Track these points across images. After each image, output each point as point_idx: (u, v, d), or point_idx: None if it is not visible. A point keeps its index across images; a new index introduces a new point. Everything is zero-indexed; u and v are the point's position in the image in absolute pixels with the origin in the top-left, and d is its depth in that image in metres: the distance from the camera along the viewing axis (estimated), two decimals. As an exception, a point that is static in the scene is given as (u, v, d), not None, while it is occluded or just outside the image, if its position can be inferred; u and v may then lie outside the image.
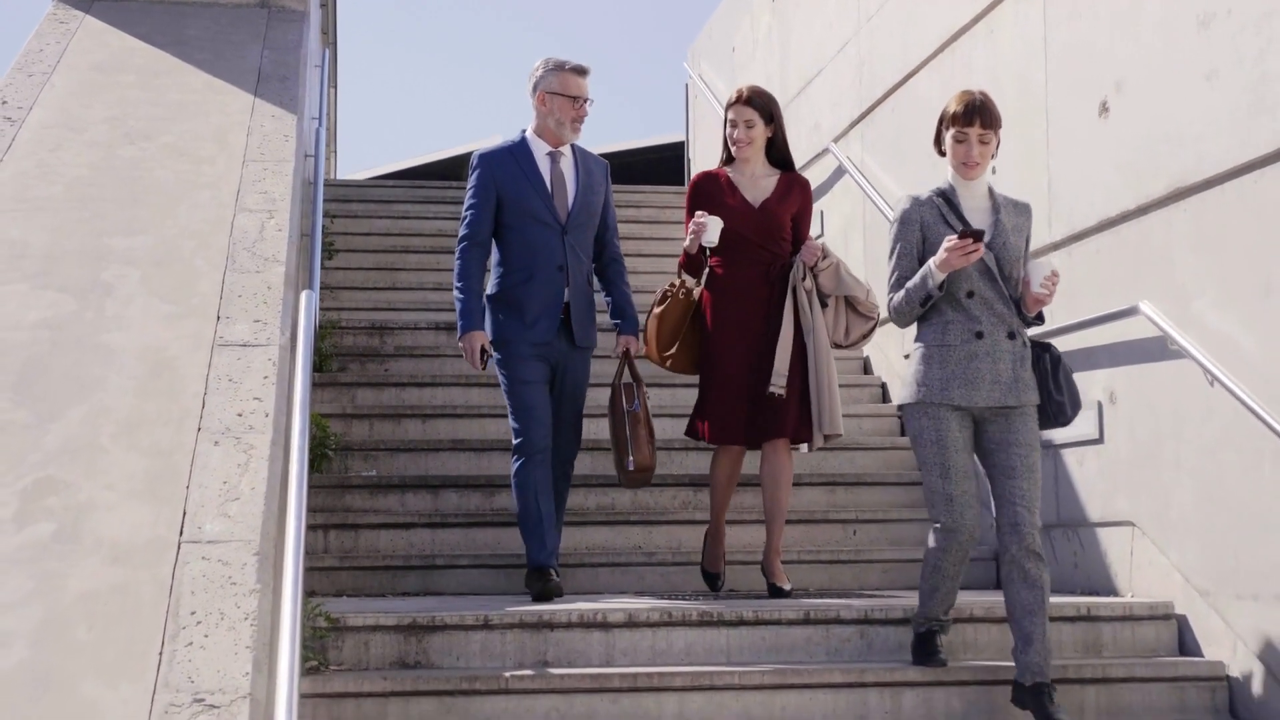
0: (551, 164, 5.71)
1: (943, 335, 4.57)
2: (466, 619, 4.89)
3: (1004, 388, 4.53)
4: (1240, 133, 4.81)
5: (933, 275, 4.47)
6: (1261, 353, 4.71)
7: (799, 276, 5.63)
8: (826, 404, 5.58)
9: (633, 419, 5.64)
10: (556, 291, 5.58)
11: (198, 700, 3.50)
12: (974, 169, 4.61)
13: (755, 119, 5.74)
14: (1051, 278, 4.48)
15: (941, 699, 4.80)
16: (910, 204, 4.68)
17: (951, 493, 4.52)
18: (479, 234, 5.65)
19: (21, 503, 4.11)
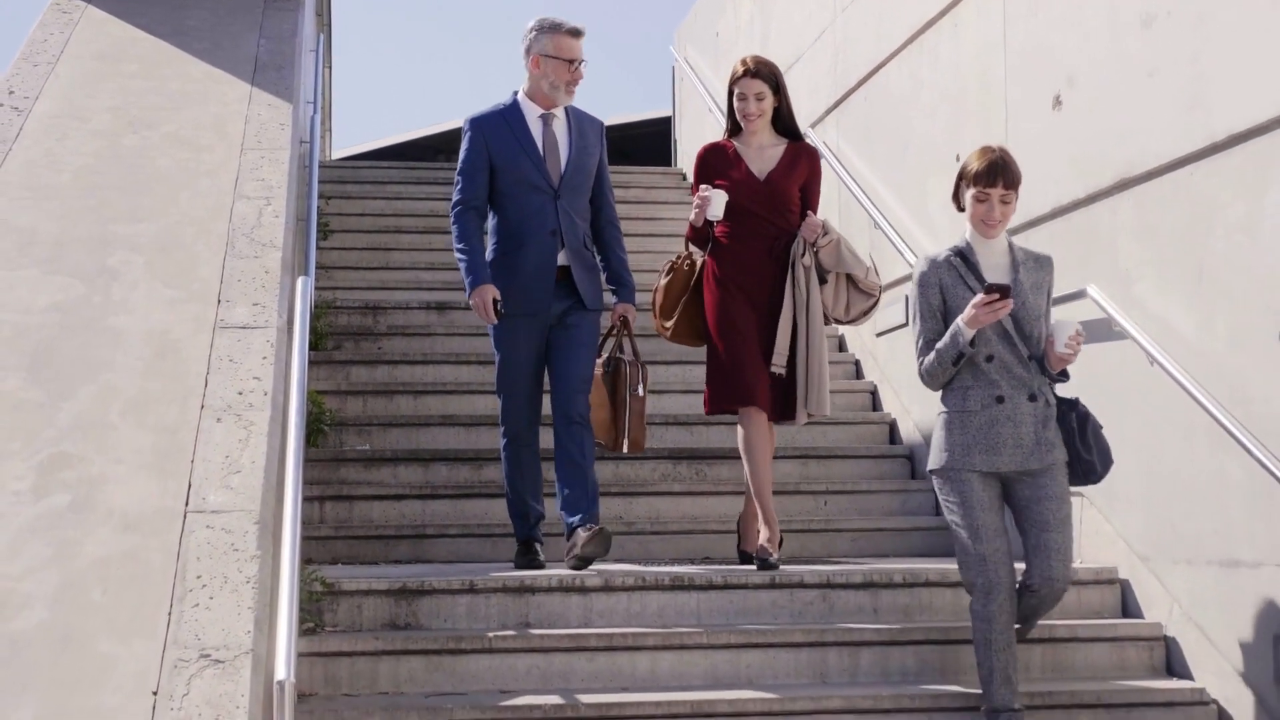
0: (544, 127, 5.65)
1: (963, 401, 4.58)
2: (453, 584, 5.23)
3: (1026, 451, 4.54)
4: (1177, 128, 5.12)
5: (962, 333, 4.48)
6: (1196, 334, 5.04)
7: (798, 252, 5.64)
8: (815, 383, 5.62)
9: (633, 404, 5.62)
10: (550, 257, 5.54)
11: (204, 656, 3.83)
12: (995, 228, 4.62)
13: (765, 91, 5.71)
14: (1076, 338, 4.47)
15: (897, 657, 5.14)
16: (928, 266, 4.67)
17: (984, 552, 4.54)
18: (473, 198, 5.63)
19: (38, 476, 4.42)
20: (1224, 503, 4.89)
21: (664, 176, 11.77)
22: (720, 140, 5.92)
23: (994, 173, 4.54)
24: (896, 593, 5.43)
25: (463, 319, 8.07)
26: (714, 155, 5.83)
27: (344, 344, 7.82)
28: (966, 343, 4.47)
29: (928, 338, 4.63)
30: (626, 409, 5.60)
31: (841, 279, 5.73)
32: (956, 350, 4.50)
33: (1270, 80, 4.67)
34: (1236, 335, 4.83)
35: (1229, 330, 4.87)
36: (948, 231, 6.85)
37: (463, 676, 4.93)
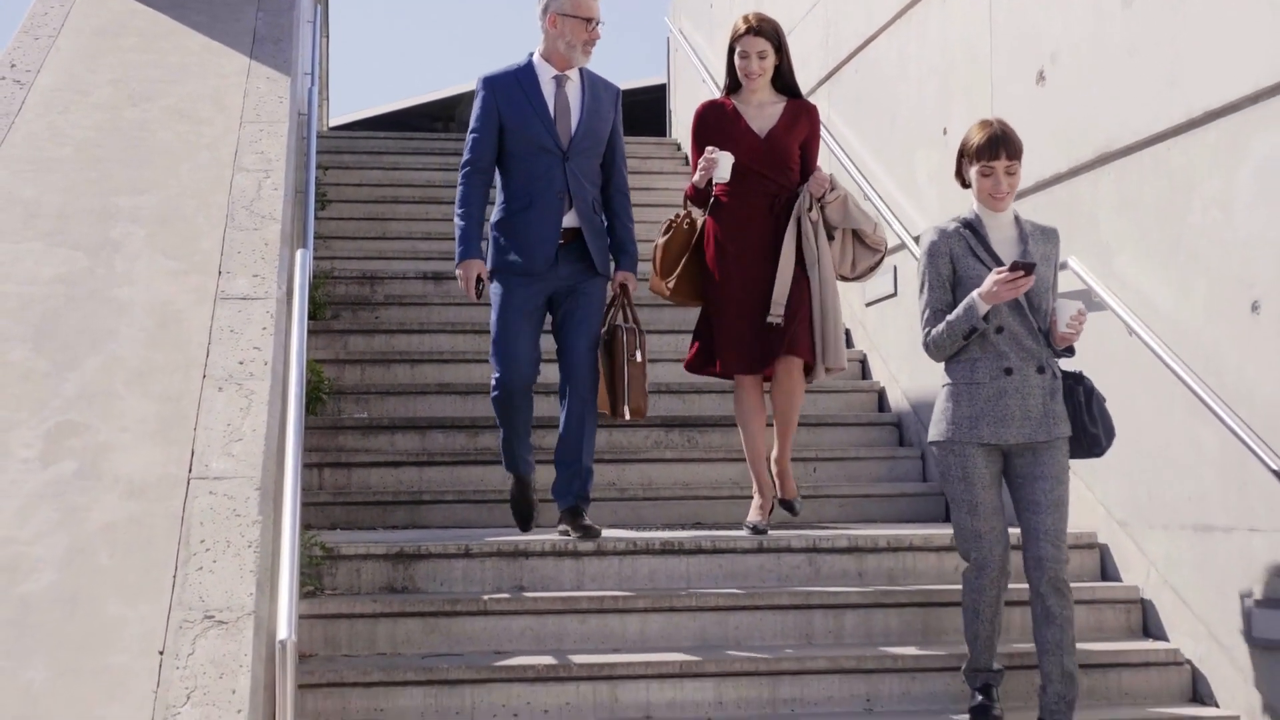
0: (556, 88, 5.59)
1: (971, 373, 4.54)
2: (449, 548, 5.37)
3: (1034, 423, 4.51)
4: (1156, 105, 5.23)
5: (978, 307, 4.44)
6: (1173, 306, 5.16)
7: (805, 207, 5.58)
8: (831, 337, 5.60)
9: (633, 368, 5.57)
10: (556, 218, 5.49)
11: (208, 617, 3.97)
12: (1002, 200, 4.59)
13: (768, 49, 5.65)
14: (1079, 317, 4.46)
15: (880, 619, 5.29)
16: (938, 235, 4.63)
17: (980, 529, 4.54)
18: (481, 159, 5.59)
19: (46, 444, 4.56)
20: (1198, 470, 5.03)
21: (658, 146, 11.87)
22: (719, 98, 5.87)
23: (995, 145, 4.53)
24: (881, 557, 5.58)
25: (459, 289, 8.16)
26: (713, 113, 5.78)
27: (342, 313, 7.94)
28: (980, 317, 4.44)
29: (935, 308, 4.59)
30: (625, 376, 5.55)
31: (848, 235, 5.69)
32: (969, 324, 4.46)
33: (1243, 59, 4.78)
34: (1212, 307, 4.96)
35: (1204, 302, 5.00)
36: (935, 203, 6.98)
37: (458, 638, 5.07)
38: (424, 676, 4.78)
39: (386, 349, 7.66)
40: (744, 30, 5.66)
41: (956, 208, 6.70)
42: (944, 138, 6.87)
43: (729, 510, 6.42)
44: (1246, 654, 4.82)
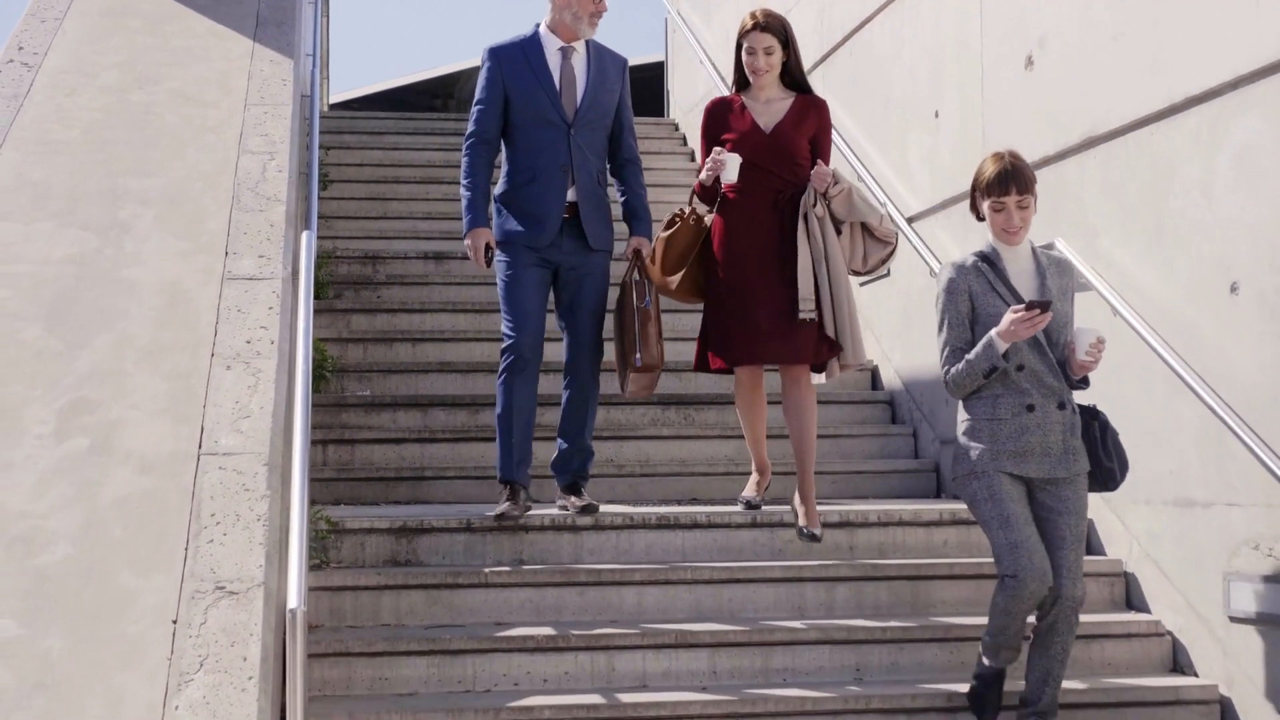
0: (562, 60, 5.57)
1: (993, 409, 4.52)
2: (451, 522, 5.52)
3: (1054, 460, 4.50)
4: (1140, 90, 5.36)
5: (996, 346, 4.40)
6: (1155, 287, 5.30)
7: (810, 203, 5.53)
8: (848, 333, 5.52)
9: (643, 315, 5.51)
10: (560, 192, 5.48)
11: (219, 588, 4.12)
12: (1016, 235, 4.55)
13: (775, 45, 5.61)
14: (1098, 345, 4.42)
15: (870, 592, 5.44)
16: (956, 272, 4.58)
17: (1015, 539, 4.45)
18: (486, 130, 5.58)
19: (59, 420, 4.70)
20: (1179, 446, 5.17)
21: (656, 126, 11.98)
22: (728, 94, 5.87)
23: (1006, 180, 4.48)
24: (871, 531, 5.73)
25: (459, 268, 8.32)
26: (721, 109, 5.75)
27: (344, 293, 8.07)
28: (1000, 355, 4.41)
29: (954, 346, 4.55)
30: (636, 322, 5.50)
31: (856, 229, 5.62)
32: (989, 363, 4.42)
33: (1221, 46, 4.91)
34: (1192, 288, 5.10)
35: (1185, 283, 5.14)
36: (926, 184, 7.11)
37: (460, 609, 5.22)
38: (427, 647, 4.93)
39: (388, 328, 7.80)
40: (750, 26, 5.64)
41: (945, 188, 6.88)
42: (936, 120, 7.00)
43: (725, 486, 6.57)
44: (1224, 625, 4.97)
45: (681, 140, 11.56)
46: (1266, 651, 4.78)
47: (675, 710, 4.76)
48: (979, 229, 6.52)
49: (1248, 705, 4.86)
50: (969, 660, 5.13)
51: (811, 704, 4.82)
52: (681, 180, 10.76)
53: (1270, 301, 4.71)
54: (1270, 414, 4.71)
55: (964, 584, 5.47)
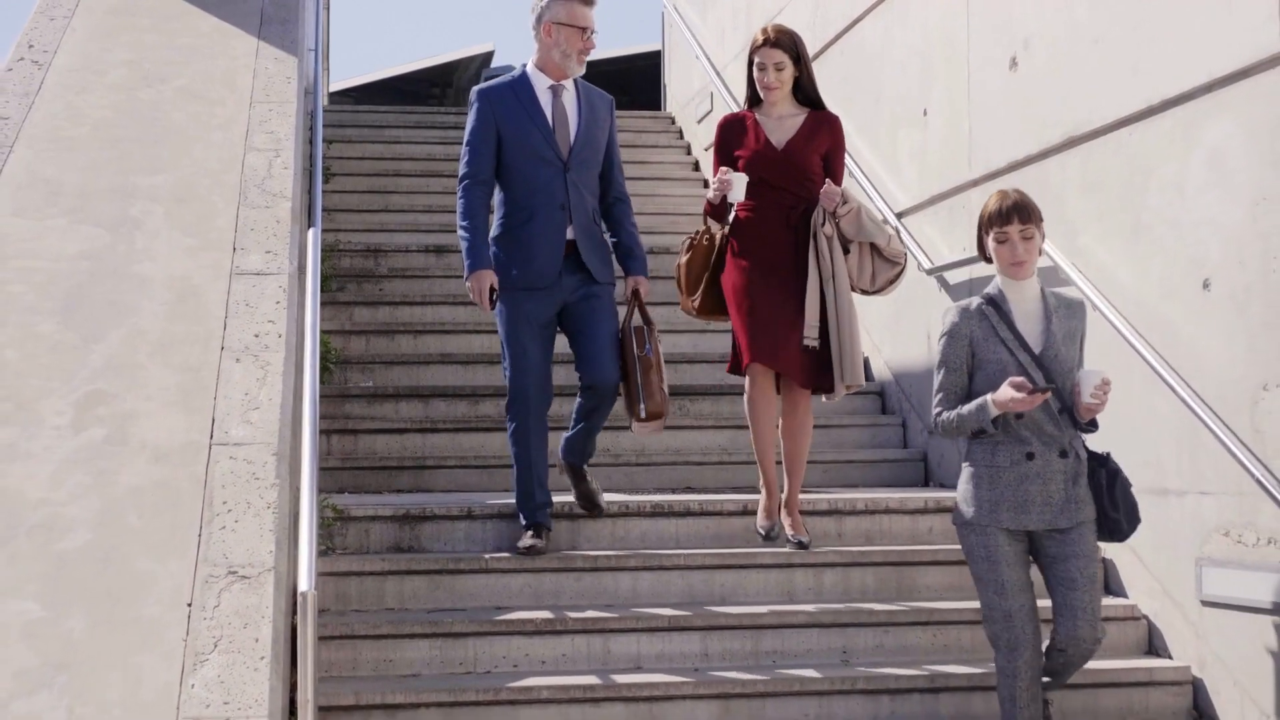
0: (553, 98, 5.55)
1: (992, 456, 4.41)
2: (452, 510, 5.71)
3: (1055, 509, 4.38)
4: (1119, 92, 5.54)
5: (989, 411, 4.31)
6: (1132, 283, 5.48)
7: (819, 222, 5.53)
8: (848, 355, 5.51)
9: (644, 364, 5.43)
10: (558, 231, 5.44)
11: (231, 573, 4.31)
12: (1022, 268, 4.41)
13: (785, 61, 5.60)
14: (1103, 387, 4.28)
15: (858, 576, 5.63)
16: (959, 316, 4.46)
17: (1009, 608, 4.38)
18: (480, 172, 5.51)
19: (76, 412, 4.88)
20: (1154, 437, 5.36)
21: (654, 120, 12.14)
22: (740, 111, 5.85)
23: (1009, 212, 4.38)
24: (859, 519, 5.92)
25: (459, 261, 8.44)
26: (733, 126, 5.74)
27: (347, 286, 8.25)
28: (989, 422, 4.32)
29: (950, 390, 4.45)
30: (638, 371, 5.44)
31: (865, 248, 5.61)
32: (978, 425, 4.33)
33: (1196, 51, 5.09)
34: (1167, 284, 5.28)
35: (1160, 279, 5.32)
36: (914, 180, 7.29)
37: (461, 594, 5.41)
38: (429, 630, 5.12)
39: (390, 320, 7.97)
40: (761, 42, 5.63)
41: (933, 185, 7.06)
42: (924, 118, 7.18)
43: (718, 475, 6.76)
44: (1197, 610, 5.16)
45: (678, 134, 11.73)
46: (1236, 634, 4.96)
47: (668, 690, 4.95)
48: (966, 224, 6.73)
49: (1218, 686, 5.06)
50: (951, 643, 5.35)
51: (799, 684, 5.01)
52: (678, 174, 10.95)
53: (1240, 298, 4.89)
54: (1239, 406, 4.89)
55: (948, 570, 5.65)
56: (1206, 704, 5.12)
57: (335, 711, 4.72)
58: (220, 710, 3.87)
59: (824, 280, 5.51)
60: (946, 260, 6.89)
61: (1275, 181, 4.72)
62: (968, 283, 6.73)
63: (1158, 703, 5.16)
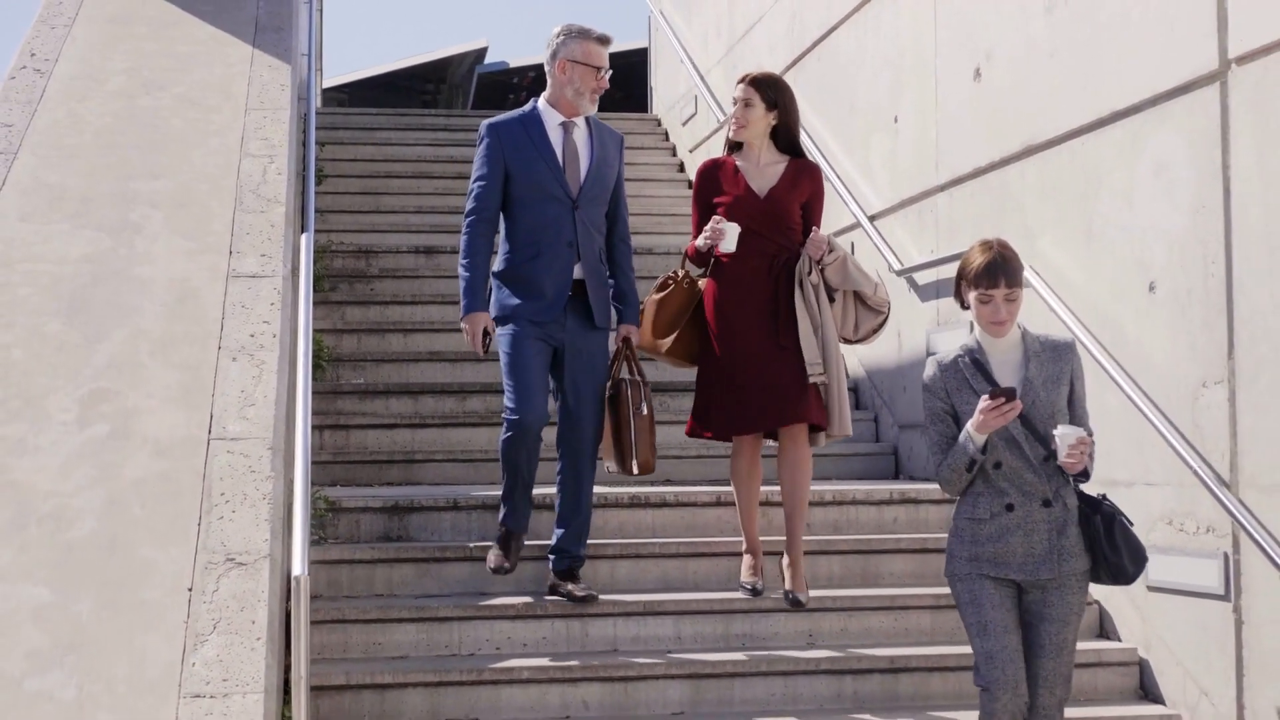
0: (564, 135, 5.49)
1: (973, 509, 4.30)
2: (439, 502, 5.99)
3: (1037, 561, 4.23)
4: (1073, 104, 5.82)
5: (972, 439, 4.18)
6: (1085, 285, 5.77)
7: (804, 270, 5.49)
8: (836, 405, 5.50)
9: (638, 422, 5.43)
10: (565, 269, 5.39)
11: (230, 560, 4.58)
12: (1003, 326, 4.28)
13: (755, 98, 5.60)
14: (1078, 445, 4.13)
15: (824, 564, 5.91)
16: (935, 369, 4.37)
17: (990, 649, 4.23)
18: (487, 209, 5.46)
19: (81, 409, 5.15)
20: (1105, 431, 5.62)
21: (640, 122, 12.41)
22: (721, 156, 5.80)
23: (994, 273, 4.21)
24: (827, 509, 6.20)
25: (448, 262, 8.75)
26: (712, 172, 5.70)
27: (339, 286, 8.52)
28: (978, 449, 4.19)
29: (938, 441, 4.35)
30: (631, 429, 5.41)
31: (849, 296, 5.58)
32: (967, 457, 4.21)
33: (1142, 67, 5.37)
34: (1116, 286, 5.57)
35: (1110, 282, 5.61)
36: (886, 184, 7.57)
37: (447, 581, 5.70)
38: (416, 614, 5.40)
39: (381, 319, 8.25)
40: (740, 78, 5.69)
41: (904, 189, 7.35)
42: (895, 125, 7.46)
43: (694, 469, 7.04)
44: (1143, 594, 5.45)
45: (664, 136, 12.00)
46: (1178, 617, 5.25)
47: (642, 671, 5.23)
48: (934, 227, 7.02)
49: (1163, 666, 5.35)
50: (912, 627, 5.63)
51: (766, 665, 5.30)
52: (663, 175, 11.22)
53: (1182, 301, 5.18)
54: (1181, 403, 5.18)
55: (910, 557, 5.95)
56: (1151, 683, 5.41)
57: (327, 691, 5.00)
58: (220, 687, 4.15)
59: (813, 327, 5.47)
60: (915, 262, 7.17)
61: (1214, 191, 5.01)
62: (935, 284, 7.03)
63: (1106, 683, 5.44)
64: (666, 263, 9.06)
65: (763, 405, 5.46)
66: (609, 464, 5.56)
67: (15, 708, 4.02)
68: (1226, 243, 4.94)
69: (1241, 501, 4.86)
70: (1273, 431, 4.75)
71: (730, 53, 10.33)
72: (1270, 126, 4.74)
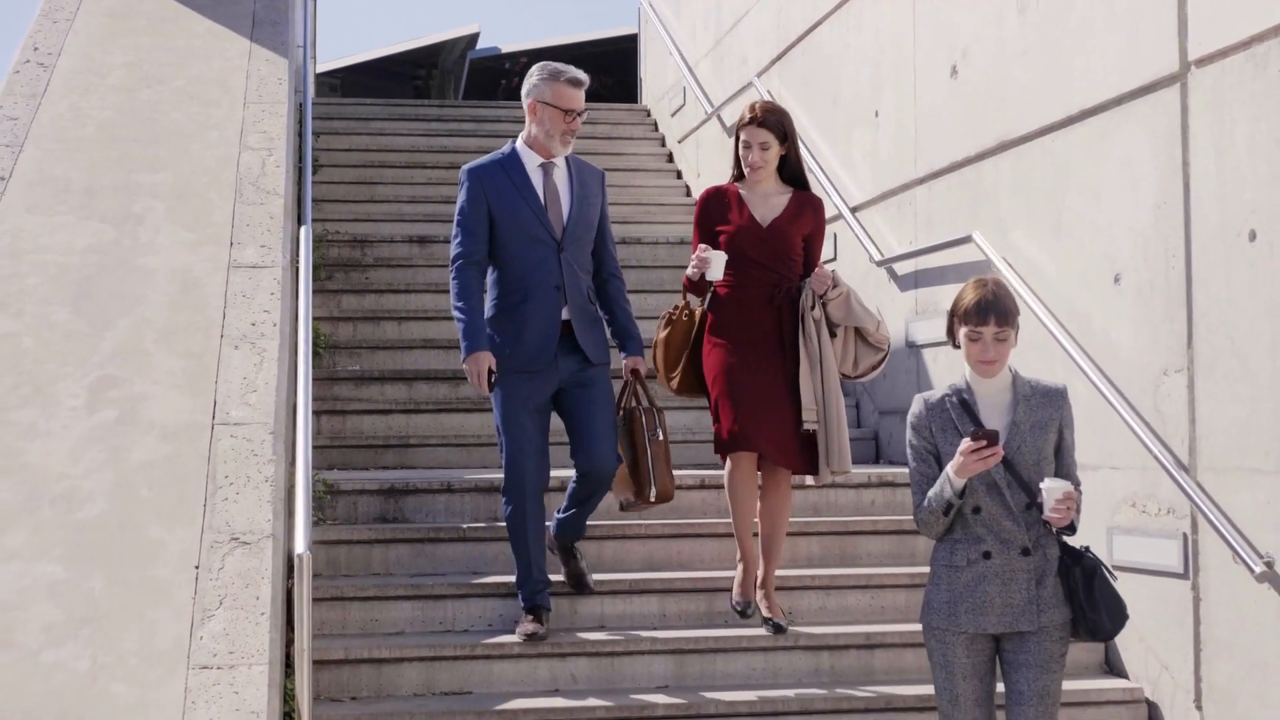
0: (544, 176, 5.44)
1: (950, 555, 4.17)
2: (433, 484, 6.22)
3: (1016, 612, 4.10)
4: (1044, 102, 6.04)
5: (951, 483, 4.05)
6: (1055, 276, 6.00)
7: (807, 305, 5.46)
8: (835, 440, 5.45)
9: (655, 449, 5.41)
10: (553, 312, 5.35)
11: (234, 539, 4.80)
12: (992, 366, 4.15)
13: (771, 140, 5.53)
14: (1065, 500, 4.00)
15: (804, 545, 6.15)
16: (920, 407, 4.24)
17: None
18: (473, 252, 5.41)
19: (90, 395, 5.36)
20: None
21: (630, 113, 12.62)
22: (724, 184, 5.74)
23: (985, 311, 4.10)
24: (808, 492, 6.42)
25: (441, 251, 8.96)
26: (715, 200, 5.65)
27: (335, 275, 8.72)
28: (956, 493, 4.06)
29: (919, 482, 4.23)
30: (649, 456, 5.40)
31: (850, 332, 5.55)
32: (945, 501, 4.09)
33: (1108, 66, 5.60)
34: (1084, 278, 5.79)
35: (1078, 274, 5.83)
36: (868, 177, 7.79)
37: (441, 560, 5.92)
38: (412, 592, 5.62)
39: (376, 307, 8.45)
40: (748, 120, 5.55)
41: (884, 182, 7.57)
42: (876, 120, 7.68)
43: (682, 453, 7.19)
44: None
45: (653, 126, 12.20)
46: (1141, 595, 5.48)
47: (628, 647, 5.46)
48: (912, 219, 7.25)
49: (1126, 642, 5.59)
50: (888, 605, 5.87)
51: (747, 641, 5.53)
52: (652, 165, 11.44)
53: (1144, 293, 5.41)
54: (1144, 390, 5.41)
55: (887, 538, 6.19)
56: (1116, 658, 5.65)
57: (327, 665, 5.23)
58: (226, 659, 4.37)
59: (812, 365, 5.45)
60: (895, 253, 7.39)
61: (1174, 188, 5.23)
62: (914, 274, 7.25)
63: (1072, 658, 5.62)
64: (655, 252, 9.30)
65: (760, 430, 5.44)
66: (622, 497, 5.54)
67: (33, 678, 4.24)
68: (1186, 238, 5.17)
69: (1199, 485, 5.09)
70: (1228, 418, 4.98)
71: (718, 45, 10.53)
72: (1226, 127, 4.96)
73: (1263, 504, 4.80)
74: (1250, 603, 4.88)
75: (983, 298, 4.13)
